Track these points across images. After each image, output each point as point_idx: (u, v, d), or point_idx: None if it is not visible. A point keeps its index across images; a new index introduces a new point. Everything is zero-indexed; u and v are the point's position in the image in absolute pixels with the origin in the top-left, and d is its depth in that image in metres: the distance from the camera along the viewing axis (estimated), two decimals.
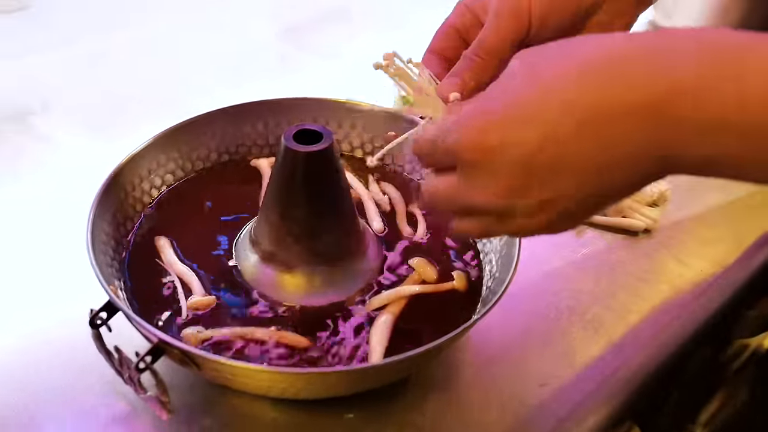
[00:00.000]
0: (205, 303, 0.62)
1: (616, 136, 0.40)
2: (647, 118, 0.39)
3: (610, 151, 0.40)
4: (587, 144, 0.41)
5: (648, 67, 0.39)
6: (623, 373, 0.67)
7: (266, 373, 0.54)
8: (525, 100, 0.42)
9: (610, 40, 0.42)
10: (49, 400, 0.60)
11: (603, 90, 0.40)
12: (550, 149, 0.41)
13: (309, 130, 0.61)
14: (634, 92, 0.39)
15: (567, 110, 0.40)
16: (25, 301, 0.68)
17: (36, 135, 0.85)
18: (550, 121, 0.41)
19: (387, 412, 0.61)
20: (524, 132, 0.41)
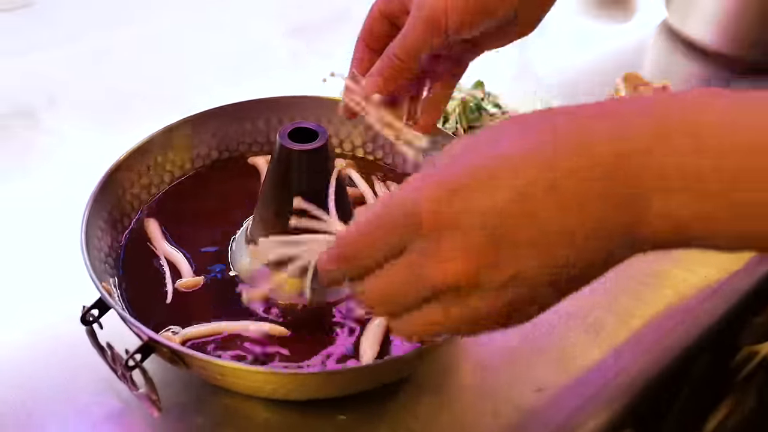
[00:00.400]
0: (191, 283, 0.63)
1: (570, 199, 0.38)
2: (600, 175, 0.38)
3: (575, 220, 0.38)
4: (553, 213, 0.38)
5: (599, 123, 0.38)
6: (624, 378, 0.66)
7: (256, 373, 0.54)
8: (489, 164, 0.39)
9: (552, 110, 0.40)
10: (45, 398, 0.60)
11: (552, 151, 0.38)
12: (515, 218, 0.38)
13: (304, 128, 0.60)
14: (585, 150, 0.38)
15: (538, 173, 0.38)
16: (21, 297, 0.68)
17: (43, 130, 0.86)
18: (518, 184, 0.38)
19: (380, 414, 0.60)
20: (489, 197, 0.38)
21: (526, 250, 0.38)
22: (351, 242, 0.42)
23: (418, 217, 0.39)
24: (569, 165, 0.38)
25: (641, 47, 1.14)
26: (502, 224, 0.38)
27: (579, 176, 0.38)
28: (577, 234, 0.38)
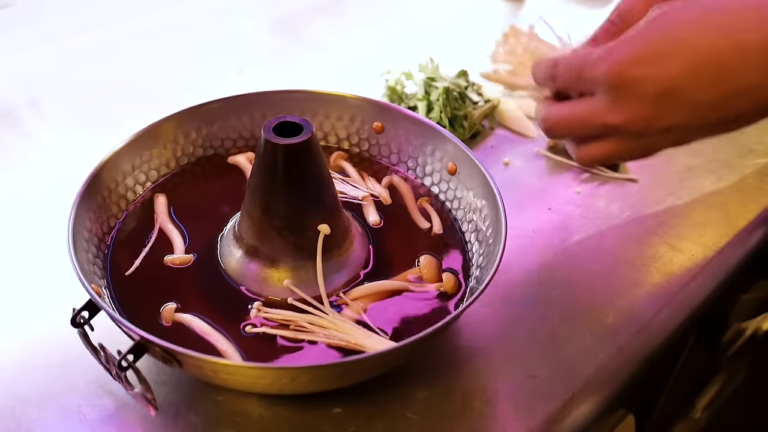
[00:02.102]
0: (181, 260, 0.65)
1: (725, 75, 0.51)
2: (754, 58, 0.50)
3: (720, 89, 0.51)
4: (713, 83, 0.51)
5: (756, 13, 0.50)
6: (616, 361, 0.66)
7: (249, 369, 0.53)
8: (666, 39, 0.52)
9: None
10: (35, 402, 0.60)
11: (715, 33, 0.51)
12: (678, 89, 0.52)
13: (289, 122, 0.60)
14: (742, 35, 0.50)
15: (690, 54, 0.51)
16: (7, 302, 0.68)
17: (24, 131, 0.85)
18: (686, 61, 0.51)
19: (375, 405, 0.60)
20: (666, 68, 0.51)
21: (683, 110, 0.53)
22: (560, 66, 0.57)
23: (608, 75, 0.53)
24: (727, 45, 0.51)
25: None
26: (667, 90, 0.52)
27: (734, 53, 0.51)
28: (725, 98, 0.52)
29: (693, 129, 0.55)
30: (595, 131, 0.56)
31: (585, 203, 0.80)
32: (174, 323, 0.61)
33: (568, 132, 0.59)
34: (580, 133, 0.58)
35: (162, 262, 0.65)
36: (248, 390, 0.57)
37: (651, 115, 0.53)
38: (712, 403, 1.03)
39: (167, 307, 0.61)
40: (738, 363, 1.04)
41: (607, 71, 0.53)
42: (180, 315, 0.61)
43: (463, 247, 0.68)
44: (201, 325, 0.60)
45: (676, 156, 0.87)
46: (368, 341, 0.59)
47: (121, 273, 0.64)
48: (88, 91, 0.89)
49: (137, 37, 0.95)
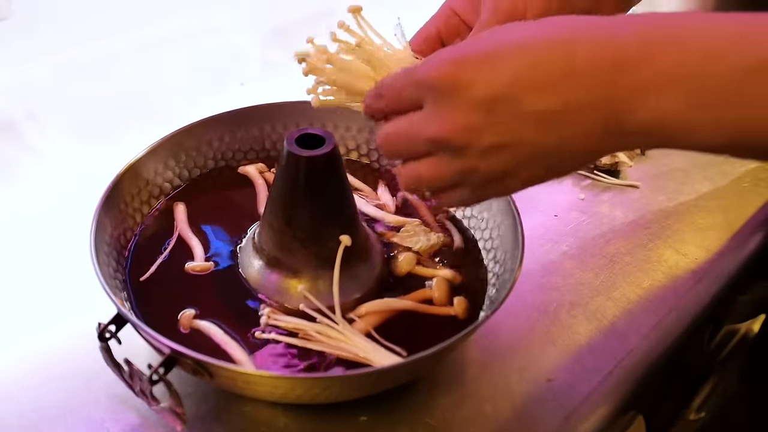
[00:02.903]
0: (201, 267, 0.66)
1: (561, 83, 0.43)
2: (590, 71, 0.43)
3: (557, 99, 0.44)
4: (544, 92, 0.44)
5: (591, 30, 0.44)
6: (628, 363, 0.68)
7: (282, 380, 0.54)
8: (496, 50, 0.45)
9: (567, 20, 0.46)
10: (58, 417, 0.60)
11: (551, 42, 0.44)
12: (510, 95, 0.44)
13: (310, 134, 0.61)
14: (578, 45, 0.43)
15: (524, 59, 0.44)
16: (25, 317, 0.67)
17: (26, 145, 0.84)
18: (516, 72, 0.44)
19: (399, 413, 0.61)
20: (493, 75, 0.44)
21: (510, 123, 0.45)
22: (379, 87, 0.51)
23: (432, 79, 0.46)
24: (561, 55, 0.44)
25: None
26: (494, 97, 0.44)
27: (568, 64, 0.43)
28: (556, 113, 0.44)
29: (524, 156, 0.46)
30: (418, 147, 0.48)
31: (590, 209, 0.82)
32: (192, 330, 0.61)
33: (394, 150, 0.51)
34: (405, 151, 0.50)
35: (179, 270, 0.66)
36: (278, 401, 0.57)
37: (476, 125, 0.45)
38: (705, 405, 1.05)
39: (186, 314, 0.62)
40: (730, 365, 1.06)
41: (427, 73, 0.46)
42: (198, 322, 0.61)
43: (480, 263, 0.69)
44: (217, 333, 0.61)
45: (672, 162, 0.89)
46: (375, 355, 0.59)
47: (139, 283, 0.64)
48: (90, 104, 0.89)
49: (135, 50, 0.95)
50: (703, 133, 0.43)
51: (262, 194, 0.73)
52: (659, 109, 0.42)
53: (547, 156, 0.46)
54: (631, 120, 0.43)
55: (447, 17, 0.59)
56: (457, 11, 0.59)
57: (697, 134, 0.43)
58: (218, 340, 0.60)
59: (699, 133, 0.43)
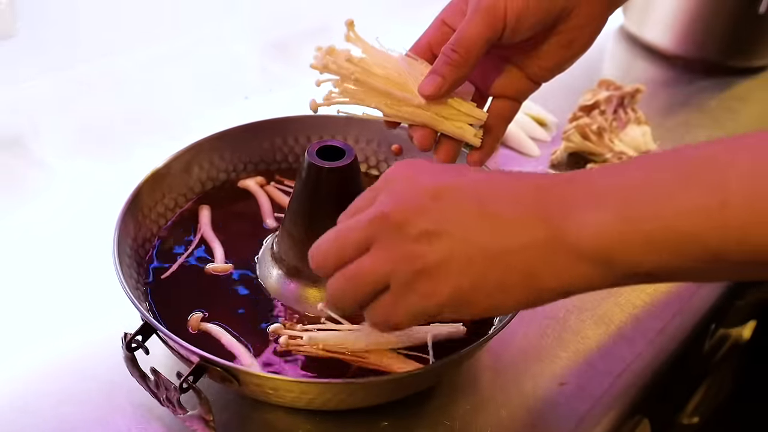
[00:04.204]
0: (222, 269, 0.67)
1: (511, 198, 0.46)
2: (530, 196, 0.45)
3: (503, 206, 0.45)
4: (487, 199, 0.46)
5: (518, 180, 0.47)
6: (637, 366, 0.70)
7: (310, 385, 0.55)
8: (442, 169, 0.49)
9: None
10: (82, 427, 0.60)
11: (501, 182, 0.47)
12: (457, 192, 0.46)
13: (330, 146, 0.62)
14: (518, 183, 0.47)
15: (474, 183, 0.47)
16: (45, 328, 0.68)
17: (33, 161, 0.85)
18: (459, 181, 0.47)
19: (418, 417, 0.62)
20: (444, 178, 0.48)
21: (453, 216, 0.46)
22: (323, 243, 0.50)
23: (386, 178, 0.49)
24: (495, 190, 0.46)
25: (601, 52, 1.19)
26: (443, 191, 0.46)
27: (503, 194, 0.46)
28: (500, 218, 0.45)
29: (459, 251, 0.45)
30: (361, 239, 0.48)
31: None
32: (200, 331, 0.62)
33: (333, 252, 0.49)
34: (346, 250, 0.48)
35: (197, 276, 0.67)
36: (304, 407, 0.58)
37: (417, 206, 0.46)
38: (699, 408, 1.07)
39: (194, 316, 0.63)
40: (723, 369, 1.08)
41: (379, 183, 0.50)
42: (206, 324, 0.63)
43: None
44: (224, 336, 0.62)
45: None
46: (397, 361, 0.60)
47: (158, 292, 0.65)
48: (97, 120, 0.90)
49: (140, 66, 0.96)
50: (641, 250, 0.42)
51: (266, 206, 0.74)
52: (592, 224, 0.43)
53: (484, 266, 0.45)
54: (569, 239, 0.43)
55: (437, 28, 0.61)
56: (447, 21, 0.61)
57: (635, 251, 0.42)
58: (225, 342, 0.62)
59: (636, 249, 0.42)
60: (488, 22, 0.55)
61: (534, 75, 0.61)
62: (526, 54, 0.60)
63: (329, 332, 0.61)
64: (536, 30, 0.57)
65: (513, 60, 0.61)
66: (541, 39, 0.59)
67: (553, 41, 0.59)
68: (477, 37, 0.55)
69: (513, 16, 0.55)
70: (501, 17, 0.55)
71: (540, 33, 0.58)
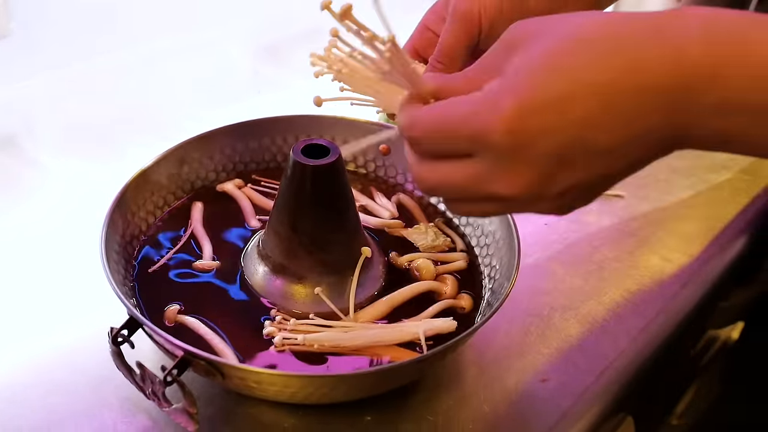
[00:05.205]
0: (208, 265, 0.68)
1: (633, 117, 0.42)
2: (660, 100, 0.42)
3: (629, 132, 0.42)
4: (607, 128, 0.42)
5: (657, 49, 0.41)
6: (619, 363, 0.70)
7: (293, 378, 0.56)
8: (552, 85, 0.42)
9: (612, 18, 0.43)
10: (68, 420, 0.61)
11: (618, 72, 0.42)
12: (584, 137, 0.42)
13: (315, 144, 0.63)
14: (646, 74, 0.41)
15: (594, 96, 0.42)
16: (34, 323, 0.69)
17: (27, 160, 0.86)
18: (584, 115, 0.42)
19: (402, 412, 0.63)
20: (560, 120, 0.42)
21: (582, 163, 0.43)
22: (426, 124, 0.46)
23: (493, 133, 0.42)
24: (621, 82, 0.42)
25: None
26: (566, 146, 0.42)
27: (631, 92, 0.42)
28: (621, 146, 0.43)
29: (591, 185, 0.45)
30: (480, 197, 0.46)
31: (578, 218, 0.85)
32: (177, 324, 0.63)
33: (447, 194, 0.48)
34: (462, 198, 0.48)
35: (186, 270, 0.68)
36: (287, 400, 0.59)
37: (547, 177, 0.43)
38: (688, 411, 1.08)
39: (170, 308, 0.64)
40: (711, 371, 1.09)
41: (491, 123, 0.43)
42: (182, 317, 0.64)
43: (476, 268, 0.72)
44: (200, 327, 0.63)
45: (655, 172, 0.92)
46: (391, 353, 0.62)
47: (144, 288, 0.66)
48: (91, 120, 0.91)
49: (134, 66, 0.97)
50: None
51: (247, 208, 0.75)
52: (724, 128, 0.42)
53: (616, 178, 0.46)
54: (695, 135, 0.43)
55: (421, 33, 0.63)
56: (430, 26, 0.63)
57: (760, 145, 0.43)
58: (202, 333, 0.63)
59: (762, 142, 0.43)
60: (465, 29, 0.58)
61: None
62: None
63: (324, 332, 0.62)
64: None
65: None
66: None
67: None
68: (457, 45, 0.58)
69: (487, 22, 0.58)
70: (476, 23, 0.58)
71: None
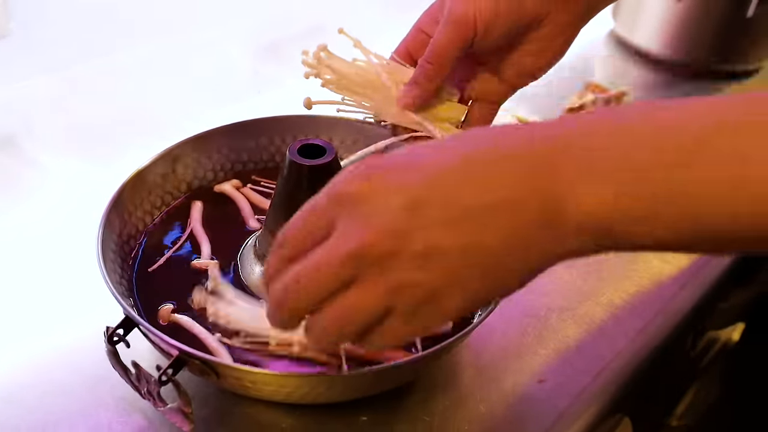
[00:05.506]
0: (206, 265, 0.68)
1: (491, 177, 0.40)
2: (518, 165, 0.40)
3: (491, 194, 0.40)
4: (468, 188, 0.40)
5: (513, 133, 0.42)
6: (616, 364, 0.70)
7: (288, 378, 0.56)
8: (415, 157, 0.42)
9: None
10: (64, 420, 0.61)
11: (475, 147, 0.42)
12: (439, 195, 0.40)
13: (312, 144, 0.63)
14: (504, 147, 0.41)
15: (449, 158, 0.41)
16: (30, 322, 0.69)
17: (26, 161, 0.86)
18: (431, 169, 0.41)
19: (398, 413, 0.63)
20: (408, 176, 0.41)
21: (437, 225, 0.40)
22: (286, 228, 0.44)
23: (346, 188, 0.41)
24: (481, 151, 0.41)
25: (590, 56, 1.20)
26: (415, 200, 0.40)
27: (489, 157, 0.41)
28: (484, 208, 0.40)
29: (459, 262, 0.40)
30: (335, 275, 0.41)
31: None
32: (171, 323, 0.63)
33: (303, 294, 0.42)
34: (318, 288, 0.42)
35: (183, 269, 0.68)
36: (283, 400, 0.59)
37: (402, 229, 0.40)
38: (688, 412, 1.08)
39: (164, 308, 0.64)
40: (712, 372, 1.09)
41: (341, 182, 0.42)
42: (176, 316, 0.64)
43: None
44: (194, 326, 0.63)
45: None
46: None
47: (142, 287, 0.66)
48: (90, 120, 0.91)
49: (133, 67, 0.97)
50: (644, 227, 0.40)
51: (246, 209, 0.75)
52: (590, 201, 0.39)
53: (484, 259, 0.40)
54: (565, 214, 0.40)
55: (414, 36, 0.63)
56: (424, 29, 0.63)
57: (636, 229, 0.40)
58: (196, 332, 0.62)
59: (638, 227, 0.40)
60: (459, 32, 0.58)
61: (510, 80, 0.64)
62: (501, 60, 0.63)
63: None
64: (507, 37, 0.60)
65: (489, 65, 0.64)
66: (515, 46, 0.61)
67: (525, 49, 0.61)
68: (449, 47, 0.58)
69: (482, 24, 0.58)
70: (471, 26, 0.58)
71: (512, 40, 0.61)
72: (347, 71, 0.60)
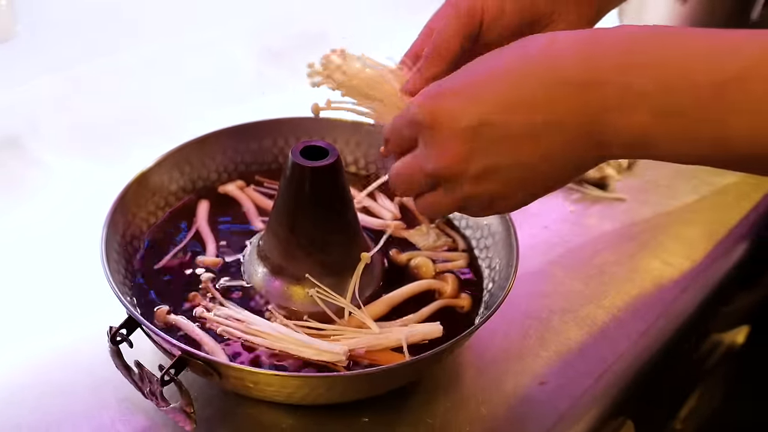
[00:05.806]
0: (211, 262, 0.69)
1: (542, 101, 0.47)
2: (569, 90, 0.46)
3: (539, 116, 0.47)
4: (521, 110, 0.47)
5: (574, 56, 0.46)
6: (618, 367, 0.70)
7: (290, 379, 0.56)
8: (475, 79, 0.49)
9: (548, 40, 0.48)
10: (67, 420, 0.61)
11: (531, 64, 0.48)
12: (494, 119, 0.47)
13: (314, 146, 0.63)
14: (558, 68, 0.46)
15: (505, 80, 0.48)
16: (33, 323, 0.69)
17: (31, 161, 0.87)
18: (494, 96, 0.48)
19: (399, 414, 0.63)
20: (472, 103, 0.48)
21: (494, 144, 0.48)
22: (385, 132, 0.55)
23: (418, 116, 0.50)
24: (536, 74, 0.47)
25: None
26: (475, 124, 0.48)
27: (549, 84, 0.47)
28: (541, 133, 0.47)
29: (514, 176, 0.50)
30: (422, 183, 0.53)
31: (579, 221, 0.85)
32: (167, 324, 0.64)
33: (404, 188, 0.55)
34: (411, 188, 0.54)
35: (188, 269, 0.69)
36: (284, 401, 0.59)
37: (463, 154, 0.49)
38: (692, 415, 1.07)
39: (160, 309, 0.64)
40: (716, 375, 1.09)
41: (413, 112, 0.50)
42: (173, 317, 0.64)
43: (477, 268, 0.72)
44: (189, 326, 0.63)
45: (658, 175, 0.92)
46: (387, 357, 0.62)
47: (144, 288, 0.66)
48: (95, 121, 0.91)
49: (138, 67, 0.98)
50: (678, 144, 0.45)
51: (251, 210, 0.75)
52: (628, 123, 0.45)
53: (535, 172, 0.49)
54: (608, 133, 0.46)
55: (426, 35, 0.62)
56: (434, 28, 0.62)
57: (670, 145, 0.45)
58: (192, 333, 0.63)
59: (672, 144, 0.45)
60: (464, 21, 0.58)
61: None
62: None
63: None
64: (514, 33, 0.59)
65: None
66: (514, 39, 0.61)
67: None
68: (453, 35, 0.58)
69: (489, 16, 0.58)
70: (477, 17, 0.58)
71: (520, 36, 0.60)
72: (358, 74, 0.60)
